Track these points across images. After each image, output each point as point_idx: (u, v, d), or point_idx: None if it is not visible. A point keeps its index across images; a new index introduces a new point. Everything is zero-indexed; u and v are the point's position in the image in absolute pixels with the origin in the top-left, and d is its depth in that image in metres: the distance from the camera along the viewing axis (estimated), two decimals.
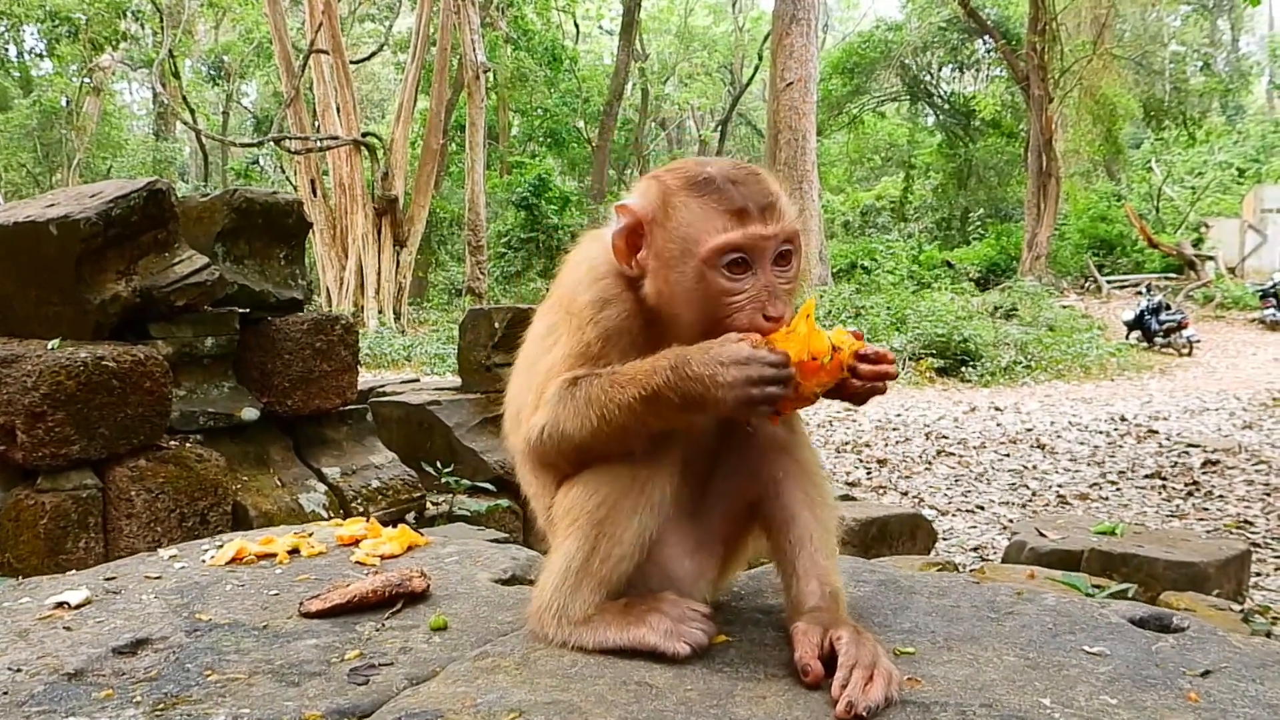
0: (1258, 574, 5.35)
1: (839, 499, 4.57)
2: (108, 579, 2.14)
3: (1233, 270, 27.64)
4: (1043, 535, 4.61)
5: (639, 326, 1.66)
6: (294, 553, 2.29)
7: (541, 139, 33.05)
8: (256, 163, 29.48)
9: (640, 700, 1.47)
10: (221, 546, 2.31)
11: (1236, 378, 16.08)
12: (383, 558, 2.25)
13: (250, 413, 4.45)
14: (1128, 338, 20.22)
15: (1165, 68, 32.85)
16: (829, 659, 1.53)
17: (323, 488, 4.60)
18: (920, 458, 9.67)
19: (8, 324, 4.00)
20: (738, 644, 1.69)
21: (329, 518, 4.31)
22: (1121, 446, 10.03)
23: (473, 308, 6.99)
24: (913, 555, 4.78)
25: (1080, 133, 28.67)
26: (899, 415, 12.41)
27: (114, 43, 27.07)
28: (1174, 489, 8.02)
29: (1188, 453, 9.49)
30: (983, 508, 7.63)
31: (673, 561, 1.75)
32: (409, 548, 2.34)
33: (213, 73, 36.60)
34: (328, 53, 21.22)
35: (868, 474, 8.97)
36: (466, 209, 23.51)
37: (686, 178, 1.62)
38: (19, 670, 1.65)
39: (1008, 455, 9.73)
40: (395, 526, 2.46)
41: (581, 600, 1.66)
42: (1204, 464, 8.88)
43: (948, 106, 35.14)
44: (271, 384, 4.56)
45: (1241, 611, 3.55)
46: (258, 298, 4.62)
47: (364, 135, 22.25)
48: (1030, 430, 11.20)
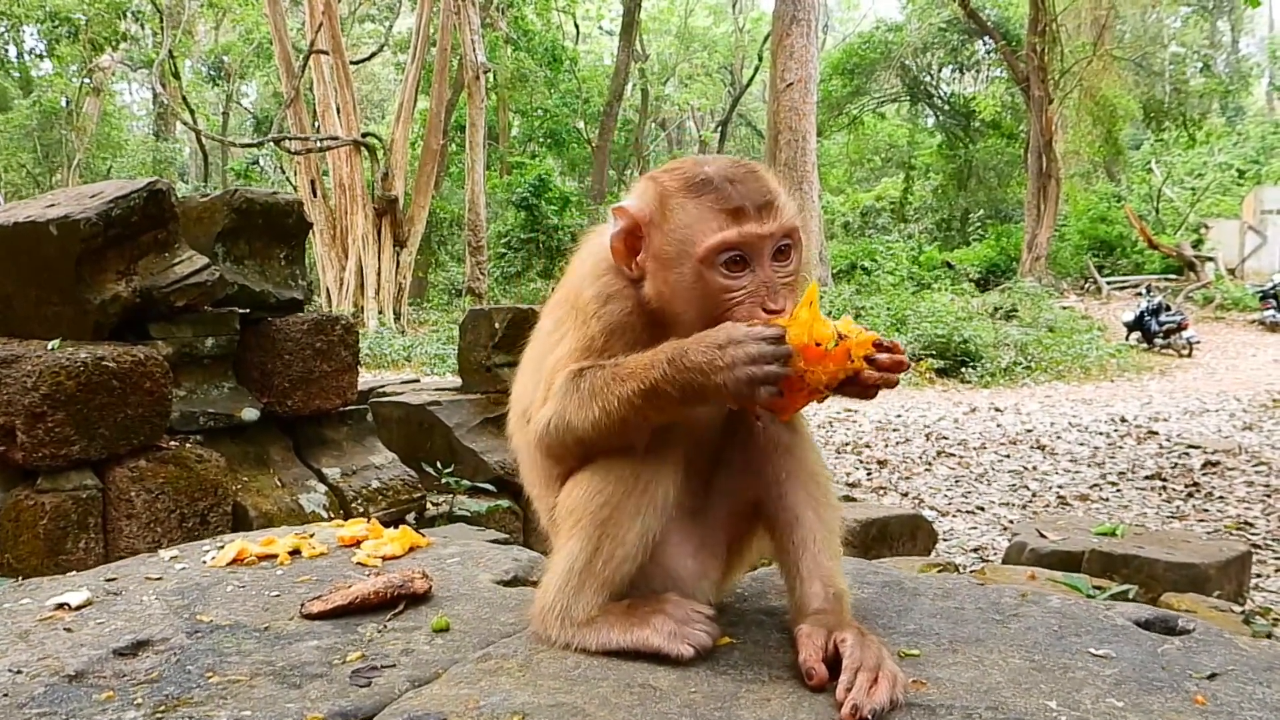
0: (1258, 575, 5.35)
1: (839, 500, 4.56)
2: (108, 580, 2.14)
3: (1232, 271, 27.66)
4: (1043, 536, 4.61)
5: (642, 323, 1.65)
6: (295, 554, 2.29)
7: (541, 139, 33.06)
8: (256, 163, 29.44)
9: (644, 703, 1.46)
10: (222, 547, 2.31)
11: (1236, 379, 16.08)
12: (384, 559, 2.25)
13: (250, 413, 4.44)
14: (1127, 339, 20.23)
15: (1165, 69, 32.88)
16: (833, 661, 1.52)
17: (323, 488, 4.58)
18: (920, 458, 9.66)
19: (8, 324, 3.99)
20: (742, 646, 1.68)
21: (329, 518, 4.30)
22: (1122, 447, 10.03)
23: (473, 308, 6.98)
24: (913, 556, 4.78)
25: (1080, 134, 28.69)
26: (899, 416, 12.40)
27: (114, 43, 27.06)
28: (1174, 490, 8.01)
29: (1188, 454, 9.49)
30: (983, 509, 7.62)
31: (676, 562, 1.75)
32: (410, 549, 2.33)
33: (213, 73, 36.60)
34: (328, 53, 21.21)
35: (868, 475, 8.96)
36: (466, 209, 23.51)
37: (683, 178, 1.61)
38: (19, 672, 1.64)
39: (1008, 456, 9.73)
40: (396, 527, 2.45)
41: (584, 601, 1.65)
42: (1204, 465, 8.88)
43: (948, 107, 35.16)
44: (271, 384, 4.55)
45: (1242, 613, 3.55)
46: (258, 298, 4.61)
47: (364, 135, 22.24)
48: (1030, 431, 11.20)
